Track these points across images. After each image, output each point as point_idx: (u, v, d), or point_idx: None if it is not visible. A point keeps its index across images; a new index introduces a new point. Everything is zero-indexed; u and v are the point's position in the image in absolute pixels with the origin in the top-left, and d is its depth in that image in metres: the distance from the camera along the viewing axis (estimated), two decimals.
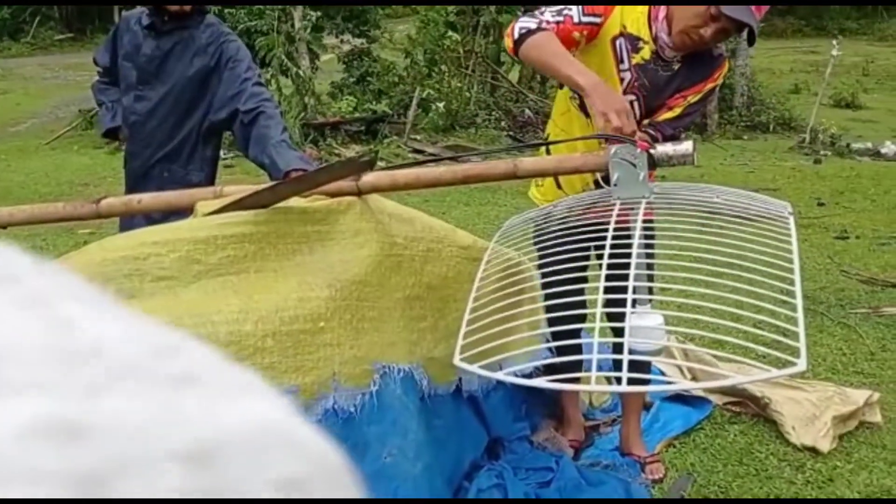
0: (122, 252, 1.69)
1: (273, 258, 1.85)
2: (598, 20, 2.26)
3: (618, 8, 2.28)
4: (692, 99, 2.33)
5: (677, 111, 2.32)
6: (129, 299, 1.64)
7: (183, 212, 2.05)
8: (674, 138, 2.25)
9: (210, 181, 2.47)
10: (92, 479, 0.19)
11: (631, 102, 2.30)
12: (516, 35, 2.19)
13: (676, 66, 2.32)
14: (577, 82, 2.08)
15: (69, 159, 9.34)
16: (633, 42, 2.29)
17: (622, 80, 2.32)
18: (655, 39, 2.28)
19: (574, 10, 2.23)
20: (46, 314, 0.22)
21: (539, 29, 2.17)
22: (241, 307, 1.68)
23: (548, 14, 2.22)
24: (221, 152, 8.59)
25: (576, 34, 2.23)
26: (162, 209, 2.20)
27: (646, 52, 2.29)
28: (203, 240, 1.77)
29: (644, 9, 2.29)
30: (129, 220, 2.38)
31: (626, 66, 2.31)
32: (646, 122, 2.32)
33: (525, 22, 2.21)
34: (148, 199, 2.19)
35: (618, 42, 2.29)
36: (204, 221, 1.87)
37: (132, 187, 2.54)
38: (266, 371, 1.67)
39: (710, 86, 2.36)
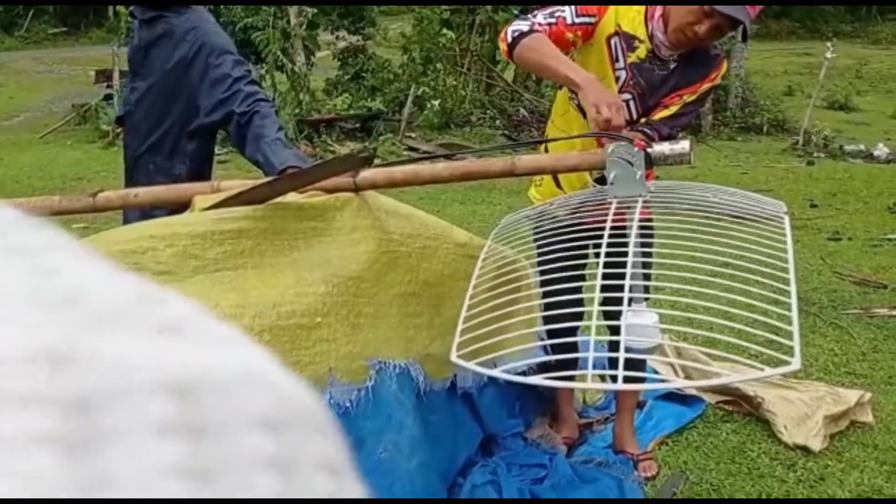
0: (119, 246, 1.69)
1: (270, 254, 1.85)
2: (592, 20, 2.27)
3: (612, 7, 2.29)
4: (688, 98, 2.34)
5: (673, 109, 2.33)
6: None
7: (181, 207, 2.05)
8: (671, 138, 2.25)
9: (196, 176, 2.42)
10: (80, 406, 0.19)
11: (627, 102, 2.32)
12: (509, 39, 2.21)
13: (673, 66, 2.33)
14: (571, 79, 2.10)
15: (62, 154, 9.31)
16: (629, 41, 2.30)
17: (618, 79, 2.33)
18: (651, 38, 2.29)
19: (567, 12, 2.25)
20: (31, 262, 0.22)
21: (531, 31, 2.19)
22: (238, 302, 1.68)
23: (540, 17, 2.24)
24: (216, 149, 8.53)
25: (569, 35, 2.25)
26: (159, 204, 2.20)
27: (641, 52, 2.30)
28: (200, 235, 1.78)
29: (640, 8, 2.30)
30: (131, 214, 2.37)
31: (621, 65, 2.32)
32: (642, 120, 2.33)
33: (517, 25, 2.23)
34: (144, 193, 2.19)
35: (613, 41, 2.30)
36: (201, 216, 1.87)
37: (126, 179, 2.54)
38: None
39: (706, 86, 2.36)
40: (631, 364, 1.56)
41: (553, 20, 2.22)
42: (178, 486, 0.20)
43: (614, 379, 1.47)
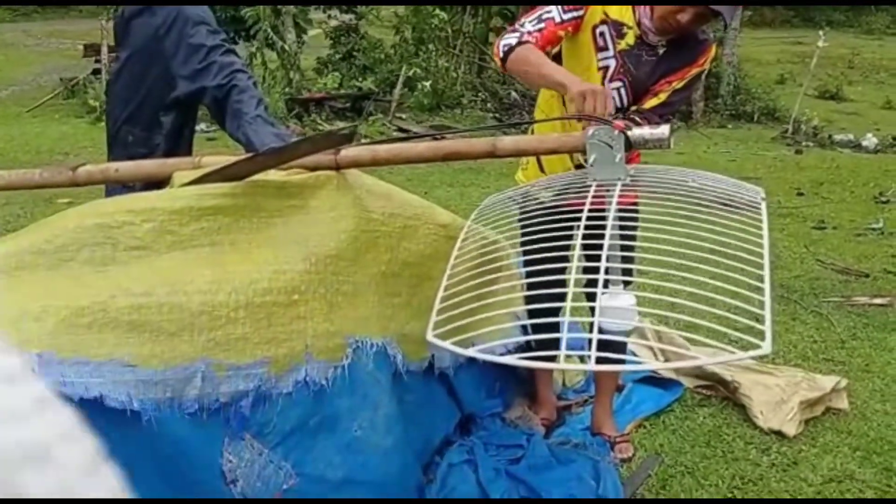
0: (96, 219, 1.69)
1: (248, 231, 1.85)
2: (579, 13, 2.32)
3: None
4: (677, 85, 2.37)
5: (663, 97, 2.36)
6: (102, 267, 1.64)
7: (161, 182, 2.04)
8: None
9: (175, 149, 2.41)
10: None
11: (617, 89, 2.35)
12: (501, 54, 2.25)
13: (662, 52, 2.35)
14: (559, 82, 2.13)
15: (50, 127, 9.24)
16: (618, 28, 2.33)
17: (607, 67, 2.35)
18: (639, 24, 2.32)
19: (554, 12, 2.30)
20: None
21: (519, 44, 2.23)
22: (215, 278, 1.68)
23: (528, 25, 2.28)
24: (203, 126, 8.39)
25: (561, 33, 2.31)
26: (139, 179, 2.19)
27: (630, 38, 2.33)
28: (178, 210, 1.77)
29: None
30: (114, 190, 2.36)
31: (610, 52, 2.34)
32: (633, 108, 2.36)
33: (507, 39, 2.26)
34: (125, 167, 2.18)
35: (598, 30, 2.33)
36: (180, 192, 1.86)
37: (108, 150, 2.53)
38: (238, 342, 1.68)
39: (695, 71, 2.38)
40: (607, 346, 1.57)
41: (542, 25, 2.27)
42: None
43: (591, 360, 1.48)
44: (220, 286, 1.69)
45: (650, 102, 2.35)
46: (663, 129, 1.89)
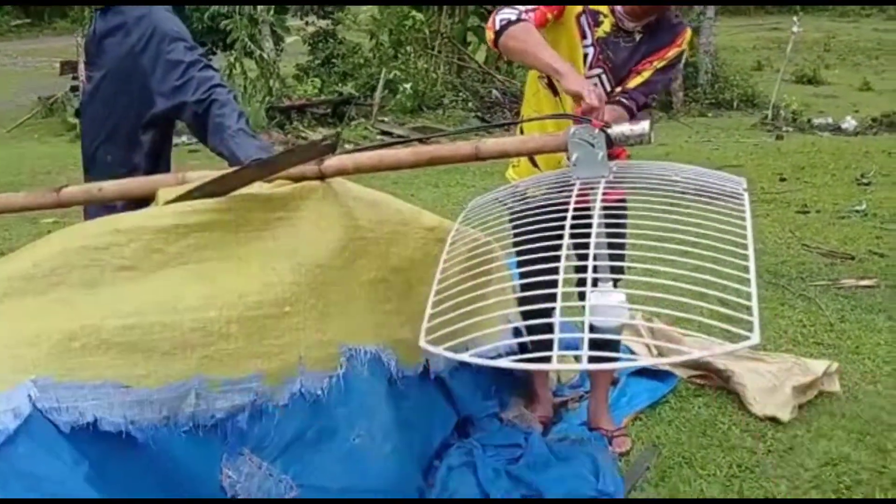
0: (82, 242, 1.68)
1: (236, 245, 1.85)
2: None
3: None
4: (658, 64, 2.44)
5: (646, 75, 2.43)
6: (92, 289, 1.64)
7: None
8: (646, 106, 2.39)
9: (155, 166, 2.39)
10: None
11: (599, 76, 2.43)
12: (497, 27, 2.27)
13: (638, 37, 2.43)
14: (554, 68, 2.17)
15: (30, 148, 9.18)
16: (594, 16, 2.41)
17: (587, 55, 2.42)
18: (613, 12, 2.40)
19: None
20: None
21: (518, 20, 2.26)
22: (205, 294, 1.68)
23: (522, 5, 2.33)
24: (185, 138, 8.35)
25: (549, 15, 2.37)
26: (124, 197, 2.17)
27: (606, 26, 2.41)
28: (164, 229, 1.76)
29: None
30: (94, 210, 2.34)
31: (589, 41, 2.42)
32: (618, 89, 2.42)
33: (505, 14, 2.29)
34: (109, 186, 2.17)
35: (581, 19, 2.41)
36: (165, 210, 1.86)
37: (84, 170, 2.51)
38: (231, 357, 1.68)
39: (674, 51, 2.46)
40: (600, 343, 1.58)
41: (534, 6, 2.33)
42: None
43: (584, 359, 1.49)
44: (211, 302, 1.68)
45: (633, 81, 2.43)
46: (643, 126, 1.90)
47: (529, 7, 2.32)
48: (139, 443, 1.53)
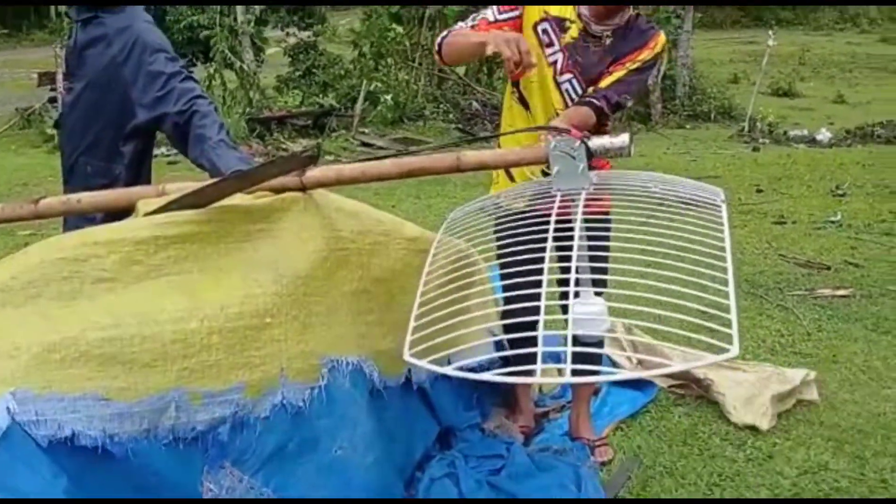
0: (61, 254, 1.66)
1: (217, 257, 1.84)
2: (516, 13, 2.43)
3: None
4: (631, 66, 2.42)
5: (618, 74, 2.41)
6: (71, 301, 1.62)
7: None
8: (619, 106, 2.38)
9: (136, 177, 2.38)
10: None
11: (569, 80, 2.44)
12: (437, 48, 2.42)
13: (608, 42, 2.43)
14: (480, 41, 2.23)
15: (7, 159, 9.08)
16: (560, 23, 2.43)
17: (556, 61, 2.44)
18: (580, 17, 2.42)
19: (489, 11, 2.44)
20: None
21: (449, 33, 2.38)
22: (186, 305, 1.67)
23: (460, 24, 2.44)
24: (164, 149, 8.29)
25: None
26: (103, 209, 2.16)
27: (574, 31, 2.42)
28: (144, 240, 1.75)
29: None
30: (73, 221, 2.32)
31: (556, 48, 2.43)
32: (590, 89, 2.41)
33: (440, 37, 2.43)
34: (88, 198, 2.15)
35: (540, 27, 2.43)
36: (145, 221, 1.85)
37: (63, 181, 2.49)
38: (212, 368, 1.67)
39: (646, 53, 2.43)
40: (583, 355, 1.59)
41: (474, 22, 2.41)
42: None
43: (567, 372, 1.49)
44: (192, 314, 1.67)
45: (605, 81, 2.40)
46: (623, 138, 1.92)
47: (465, 25, 2.41)
48: (119, 456, 1.52)
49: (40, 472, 1.35)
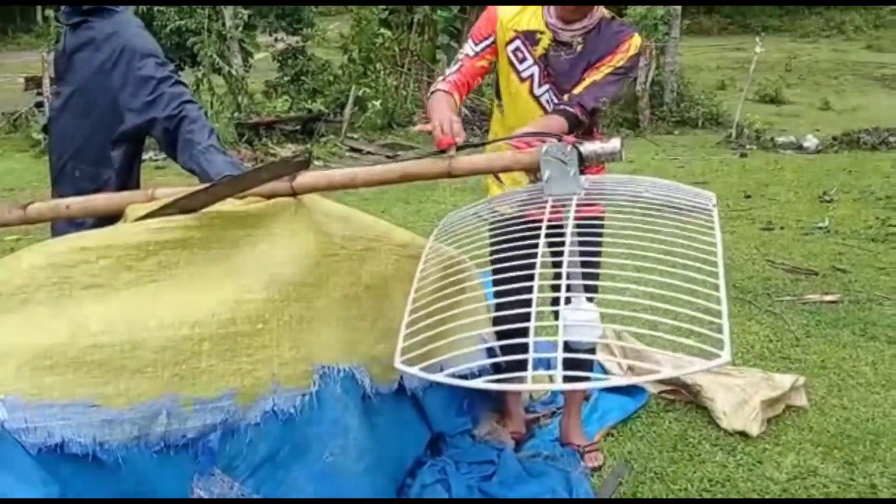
0: (50, 259, 1.65)
1: (208, 262, 1.83)
2: (489, 40, 2.49)
3: (501, 17, 2.47)
4: (606, 70, 2.39)
5: (592, 79, 2.37)
6: (61, 307, 1.61)
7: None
8: (596, 111, 2.35)
9: (125, 182, 2.37)
10: None
11: (547, 91, 2.46)
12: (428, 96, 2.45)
13: (579, 48, 2.43)
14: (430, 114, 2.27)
15: None
16: (531, 37, 2.46)
17: (532, 75, 2.47)
18: (548, 26, 2.44)
19: (466, 47, 2.50)
20: None
21: (435, 91, 2.42)
22: (177, 312, 1.66)
23: (448, 70, 2.49)
24: (152, 154, 8.24)
25: (480, 63, 2.49)
26: (91, 214, 2.15)
27: (545, 42, 2.44)
28: (135, 246, 1.74)
29: (537, 8, 2.46)
30: (61, 226, 2.31)
31: (529, 62, 2.47)
32: (565, 97, 2.40)
33: (434, 85, 2.45)
34: (77, 203, 2.13)
35: (511, 47, 2.47)
36: (135, 227, 1.83)
37: (52, 186, 2.47)
38: (203, 375, 1.66)
39: (619, 56, 2.39)
40: (574, 361, 1.58)
41: (458, 65, 2.48)
42: None
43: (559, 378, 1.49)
44: (183, 320, 1.66)
45: (579, 87, 2.37)
46: (614, 144, 1.93)
47: (452, 71, 2.46)
48: (109, 464, 1.50)
49: (30, 480, 1.34)
